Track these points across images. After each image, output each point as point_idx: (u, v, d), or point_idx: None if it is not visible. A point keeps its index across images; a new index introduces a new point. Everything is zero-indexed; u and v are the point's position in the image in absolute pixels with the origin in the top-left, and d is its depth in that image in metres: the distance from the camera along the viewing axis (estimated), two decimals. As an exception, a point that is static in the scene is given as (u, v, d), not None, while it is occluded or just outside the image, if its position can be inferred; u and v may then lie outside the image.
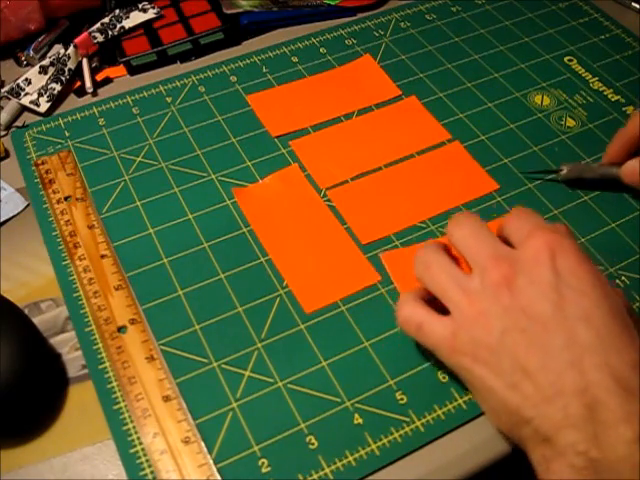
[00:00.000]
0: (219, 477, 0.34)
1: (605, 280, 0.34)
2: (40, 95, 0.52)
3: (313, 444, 0.35)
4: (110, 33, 0.56)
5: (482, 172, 0.48)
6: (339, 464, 0.35)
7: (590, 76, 0.55)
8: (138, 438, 0.35)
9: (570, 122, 0.52)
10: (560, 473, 0.30)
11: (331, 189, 0.47)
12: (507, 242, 0.36)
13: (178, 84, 0.54)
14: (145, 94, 0.53)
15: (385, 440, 0.36)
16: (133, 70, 0.55)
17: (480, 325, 0.33)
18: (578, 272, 0.33)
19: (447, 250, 0.37)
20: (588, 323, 0.31)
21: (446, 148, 0.49)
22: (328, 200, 0.46)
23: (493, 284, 0.33)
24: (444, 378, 0.38)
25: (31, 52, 0.55)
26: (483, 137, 0.50)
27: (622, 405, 0.29)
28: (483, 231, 0.36)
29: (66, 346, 0.39)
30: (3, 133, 0.50)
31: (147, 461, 0.35)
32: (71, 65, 0.53)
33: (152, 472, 0.34)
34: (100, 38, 0.56)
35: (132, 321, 0.39)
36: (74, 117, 0.51)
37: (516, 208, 0.38)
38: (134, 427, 0.36)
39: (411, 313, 0.36)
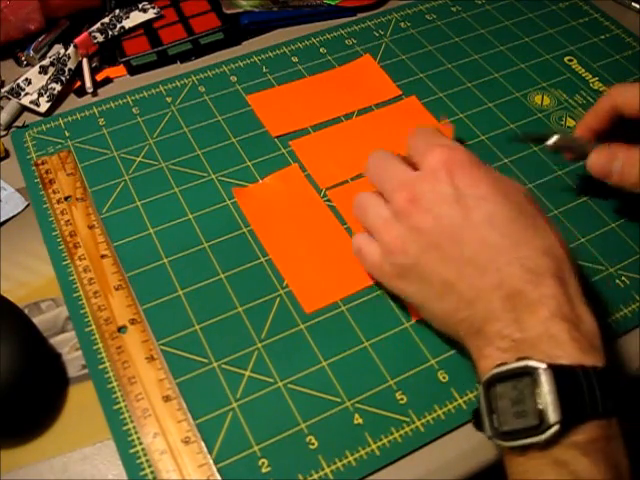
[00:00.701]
0: (219, 477, 0.34)
1: (504, 180, 0.36)
2: (40, 95, 0.52)
3: (313, 444, 0.35)
4: (110, 33, 0.56)
5: None
6: (339, 464, 0.35)
7: (590, 76, 0.55)
8: (138, 438, 0.35)
9: (570, 122, 0.52)
10: (490, 356, 0.32)
11: (331, 189, 0.47)
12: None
13: (178, 84, 0.54)
14: (145, 94, 0.53)
15: (385, 440, 0.36)
16: (133, 70, 0.55)
17: (398, 250, 0.36)
18: (475, 181, 0.35)
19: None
20: (493, 225, 0.34)
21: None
22: (328, 200, 0.46)
23: (401, 210, 0.36)
24: (444, 378, 0.38)
25: (31, 52, 0.55)
26: (483, 137, 0.50)
27: (536, 290, 0.32)
28: (388, 160, 0.39)
29: (66, 346, 0.39)
30: (3, 133, 0.50)
31: (147, 461, 0.35)
32: (71, 65, 0.53)
33: (152, 472, 0.34)
34: (100, 38, 0.56)
35: (132, 321, 0.39)
36: (74, 117, 0.51)
37: (414, 128, 0.41)
38: (134, 427, 0.36)
39: (356, 239, 0.40)
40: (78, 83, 0.54)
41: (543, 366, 0.30)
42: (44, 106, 0.51)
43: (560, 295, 0.32)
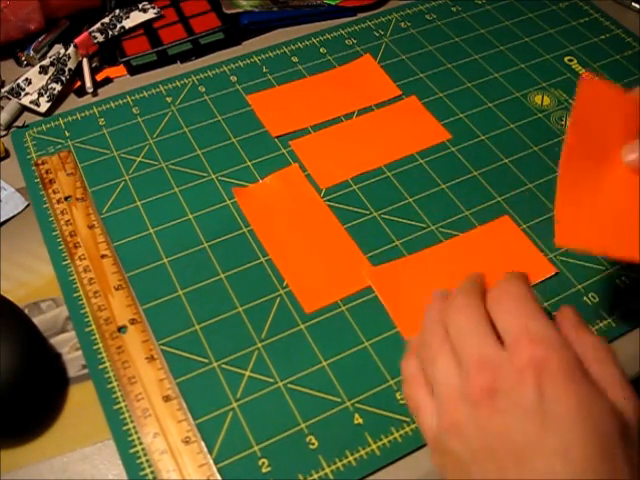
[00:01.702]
0: (219, 477, 0.34)
1: (599, 400, 0.30)
2: (40, 95, 0.52)
3: (313, 444, 0.35)
4: (110, 33, 0.56)
5: None
6: (339, 464, 0.35)
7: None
8: (138, 438, 0.35)
9: (570, 122, 0.51)
10: None
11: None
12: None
13: (178, 84, 0.54)
14: (145, 94, 0.53)
15: (385, 440, 0.36)
16: (133, 70, 0.55)
17: (455, 436, 0.31)
18: (564, 397, 0.29)
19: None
20: (567, 460, 0.28)
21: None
22: (328, 200, 0.46)
23: (473, 396, 0.31)
24: (444, 378, 0.38)
25: (31, 52, 0.55)
26: (483, 137, 0.50)
27: None
28: (476, 321, 0.33)
29: (66, 346, 0.39)
30: (3, 133, 0.50)
31: (147, 461, 0.35)
32: (71, 65, 0.53)
33: (152, 472, 0.34)
34: (100, 38, 0.56)
35: (132, 321, 0.39)
36: (74, 117, 0.51)
37: (503, 282, 0.34)
38: (134, 427, 0.36)
39: (416, 393, 0.33)
40: (78, 83, 0.54)
41: None
42: (44, 106, 0.51)
43: None
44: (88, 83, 0.53)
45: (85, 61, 0.55)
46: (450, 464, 0.31)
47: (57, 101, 0.52)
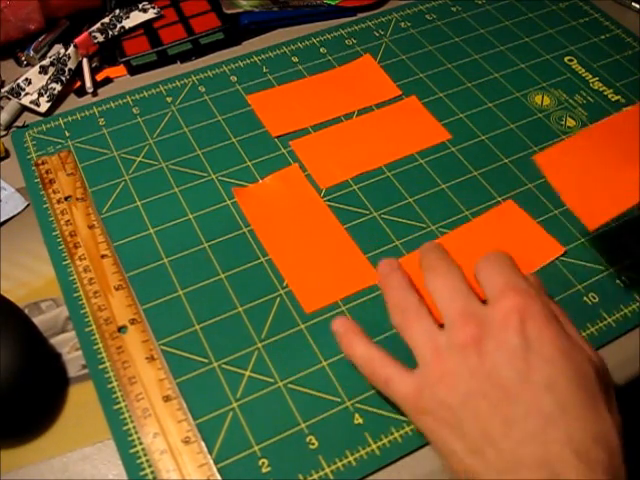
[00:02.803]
0: (219, 477, 0.34)
1: (575, 345, 0.33)
2: (40, 95, 0.52)
3: (313, 444, 0.35)
4: (110, 33, 0.56)
5: None
6: (339, 464, 0.35)
7: (590, 76, 0.55)
8: (138, 438, 0.35)
9: (570, 122, 0.52)
10: None
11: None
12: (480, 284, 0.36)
13: (178, 84, 0.54)
14: (145, 94, 0.53)
15: (385, 440, 0.36)
16: (133, 70, 0.55)
17: (444, 385, 0.32)
18: (546, 338, 0.32)
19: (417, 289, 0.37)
20: (552, 392, 0.31)
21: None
22: (328, 200, 0.46)
23: (460, 344, 0.33)
24: (444, 378, 0.38)
25: (31, 52, 0.55)
26: (483, 137, 0.50)
27: None
28: (457, 281, 0.36)
29: (66, 346, 0.39)
30: (3, 133, 0.50)
31: (147, 461, 0.35)
32: (71, 65, 0.53)
33: (152, 472, 0.34)
34: (100, 38, 0.56)
35: (132, 321, 0.39)
36: (74, 117, 0.51)
37: (489, 254, 0.37)
38: (134, 427, 0.36)
39: (384, 368, 0.35)
40: (78, 83, 0.54)
41: None
42: (44, 106, 0.51)
43: None
44: (88, 83, 0.53)
45: (85, 61, 0.55)
46: (438, 418, 0.32)
47: (57, 101, 0.52)
